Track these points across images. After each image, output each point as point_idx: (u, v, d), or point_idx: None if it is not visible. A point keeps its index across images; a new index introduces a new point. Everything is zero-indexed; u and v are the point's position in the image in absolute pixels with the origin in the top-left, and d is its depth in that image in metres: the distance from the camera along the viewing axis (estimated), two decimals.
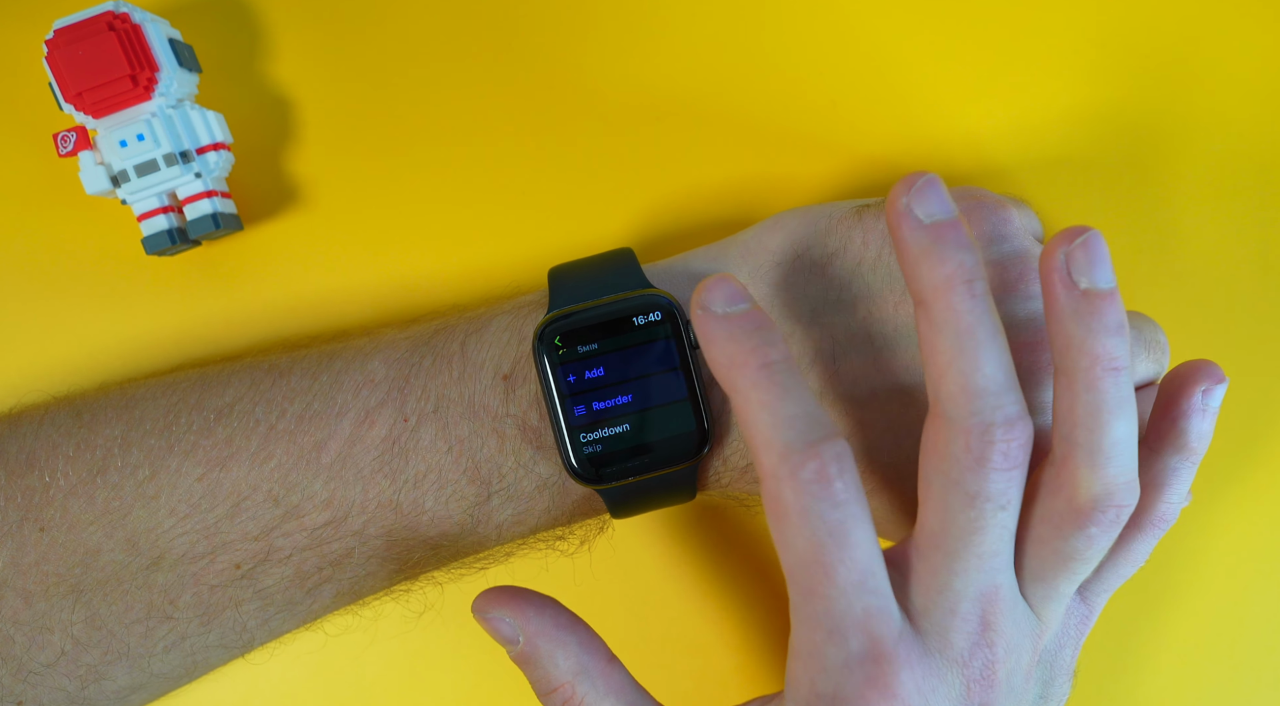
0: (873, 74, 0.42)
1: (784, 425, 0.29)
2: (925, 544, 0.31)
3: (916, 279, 0.30)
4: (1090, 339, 0.30)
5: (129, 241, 0.41)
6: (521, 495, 0.35)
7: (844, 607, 0.30)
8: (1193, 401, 0.33)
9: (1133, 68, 0.42)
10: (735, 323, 0.30)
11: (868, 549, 0.29)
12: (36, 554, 0.34)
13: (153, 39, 0.38)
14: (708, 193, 0.41)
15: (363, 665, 0.41)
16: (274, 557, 0.35)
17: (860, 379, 0.34)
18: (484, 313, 0.37)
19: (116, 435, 0.35)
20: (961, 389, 0.30)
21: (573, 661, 0.33)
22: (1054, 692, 0.35)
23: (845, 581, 0.29)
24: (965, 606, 0.31)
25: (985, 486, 0.30)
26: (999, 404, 0.29)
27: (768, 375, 0.30)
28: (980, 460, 0.30)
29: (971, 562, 0.31)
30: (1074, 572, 0.32)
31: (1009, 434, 0.29)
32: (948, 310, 0.30)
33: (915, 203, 0.30)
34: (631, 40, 0.42)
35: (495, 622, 0.33)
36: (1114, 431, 0.30)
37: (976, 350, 0.29)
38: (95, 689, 0.35)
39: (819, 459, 0.29)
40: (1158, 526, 0.34)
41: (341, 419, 0.35)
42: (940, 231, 0.30)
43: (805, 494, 0.29)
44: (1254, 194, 0.42)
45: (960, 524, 0.30)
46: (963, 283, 0.30)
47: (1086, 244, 0.30)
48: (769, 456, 0.29)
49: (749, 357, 0.30)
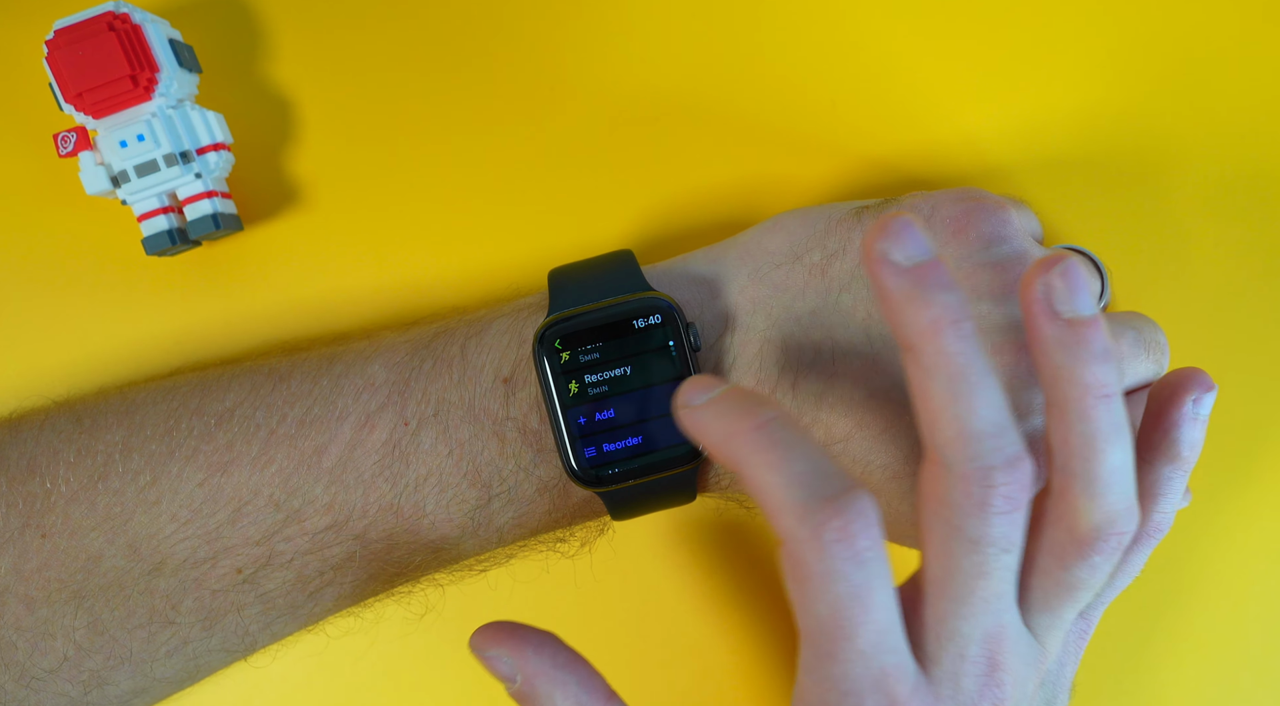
0: (873, 74, 0.41)
1: (795, 484, 0.28)
2: (930, 590, 0.31)
3: (902, 324, 0.29)
4: (1079, 368, 0.30)
5: (129, 241, 0.41)
6: (522, 498, 0.35)
7: (862, 670, 0.29)
8: (1183, 410, 0.33)
9: (1132, 68, 0.42)
10: (718, 403, 0.30)
11: (889, 607, 0.29)
12: (38, 560, 0.34)
13: (153, 39, 0.38)
14: (707, 193, 0.41)
15: (364, 667, 0.42)
16: (275, 562, 0.35)
17: (860, 380, 0.34)
18: (484, 315, 0.37)
19: (117, 441, 0.35)
20: (958, 434, 0.29)
21: (571, 701, 0.31)
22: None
23: (866, 644, 0.28)
24: (973, 650, 0.30)
25: (988, 532, 0.29)
26: (997, 446, 0.29)
27: (765, 435, 0.29)
28: (981, 506, 0.29)
29: (978, 607, 0.30)
30: (1078, 600, 0.32)
31: (1009, 476, 0.29)
32: (937, 354, 0.29)
33: (892, 246, 0.29)
34: (631, 41, 0.42)
35: (493, 661, 0.32)
36: (1110, 459, 0.30)
37: (970, 393, 0.29)
38: (98, 694, 0.35)
39: (842, 515, 0.28)
40: (1152, 536, 0.34)
41: (342, 423, 0.35)
42: (921, 274, 0.29)
43: (829, 556, 0.28)
44: (1253, 194, 0.42)
45: (964, 569, 0.30)
46: (950, 324, 0.29)
47: (1065, 271, 0.30)
48: (786, 519, 0.28)
49: (741, 424, 0.29)
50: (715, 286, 0.36)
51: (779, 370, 0.35)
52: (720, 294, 0.36)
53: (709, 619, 0.42)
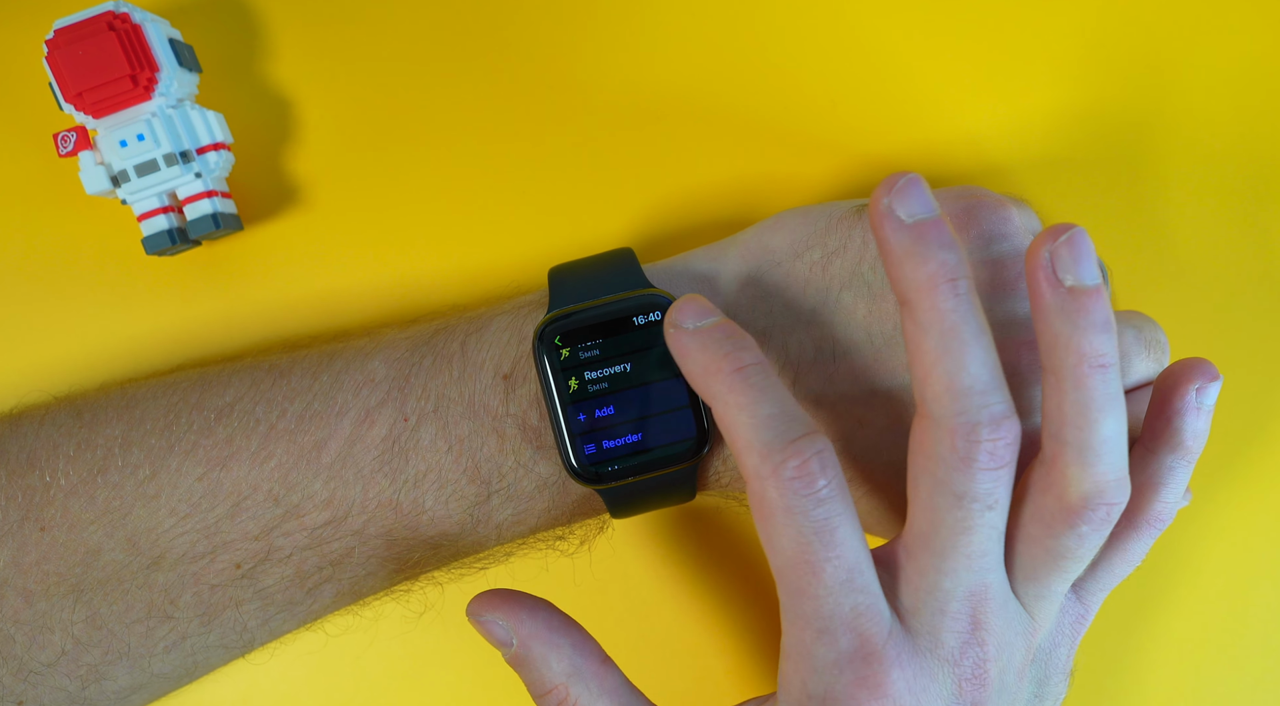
0: (873, 74, 0.42)
1: (762, 425, 0.30)
2: (913, 544, 0.31)
3: (900, 279, 0.30)
4: (1077, 336, 0.30)
5: (129, 241, 0.41)
6: (521, 495, 0.35)
7: (832, 606, 0.30)
8: (1187, 400, 0.33)
9: (1132, 68, 0.42)
10: (706, 334, 0.31)
11: (854, 546, 0.30)
12: (37, 553, 0.34)
13: (153, 39, 0.38)
14: (708, 192, 0.41)
15: (363, 665, 0.41)
16: (274, 557, 0.35)
17: (860, 377, 0.34)
18: (484, 312, 0.37)
19: (117, 435, 0.35)
20: (946, 389, 0.30)
21: (566, 663, 0.33)
22: (1049, 691, 0.35)
23: (833, 579, 0.30)
24: (955, 605, 0.31)
25: (972, 486, 0.30)
26: (984, 403, 0.29)
27: (742, 378, 0.30)
28: (966, 460, 0.30)
29: (960, 562, 0.31)
30: (1066, 571, 0.32)
31: (995, 433, 0.29)
32: (931, 310, 0.30)
33: (897, 202, 0.30)
34: (632, 40, 0.42)
35: (489, 626, 0.33)
36: (1103, 429, 0.30)
37: (961, 349, 0.29)
38: (96, 689, 0.35)
39: (800, 456, 0.29)
40: (1154, 526, 0.34)
41: (342, 418, 0.35)
42: (922, 230, 0.30)
43: (788, 492, 0.29)
44: (1253, 193, 0.42)
45: (948, 524, 0.30)
46: (946, 281, 0.30)
47: (1071, 240, 0.30)
48: (750, 457, 0.30)
49: (722, 363, 0.31)
50: (715, 284, 0.36)
51: (779, 368, 0.35)
52: (720, 291, 0.36)
53: (709, 618, 0.42)
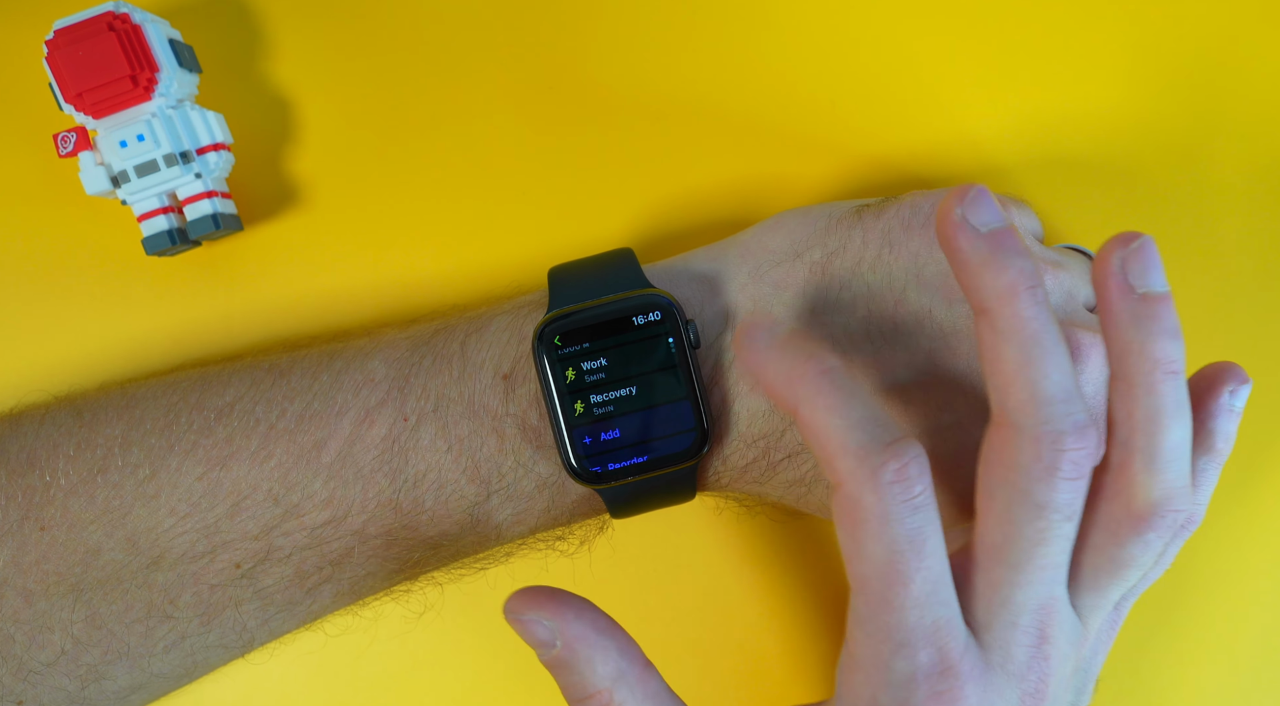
0: (873, 73, 0.42)
1: (856, 428, 0.29)
2: (987, 557, 0.31)
3: (978, 288, 0.30)
4: (1149, 343, 0.30)
5: (129, 241, 0.41)
6: (521, 494, 0.35)
7: (916, 619, 0.29)
8: (1220, 402, 0.33)
9: (1132, 68, 0.42)
10: (784, 343, 0.30)
11: (941, 558, 0.29)
12: (37, 553, 0.34)
13: (153, 39, 0.38)
14: (708, 193, 0.41)
15: (362, 665, 0.41)
16: (274, 557, 0.35)
17: (861, 378, 0.34)
18: (484, 312, 0.37)
19: (117, 434, 0.35)
20: (1031, 397, 0.29)
21: (611, 667, 0.31)
22: (1082, 701, 0.34)
23: (921, 592, 0.29)
24: (1026, 618, 0.30)
25: (1055, 497, 0.29)
26: (1068, 411, 0.29)
27: (830, 381, 0.29)
28: (1051, 470, 0.29)
29: (1035, 575, 0.30)
30: (1126, 579, 0.32)
31: (1079, 442, 0.29)
32: (1014, 317, 0.29)
33: (970, 212, 0.30)
34: (632, 40, 0.42)
35: (531, 626, 0.31)
36: (1172, 435, 0.30)
37: (1045, 357, 0.29)
38: (95, 688, 0.35)
39: (900, 459, 0.28)
40: (1185, 528, 0.33)
41: (341, 418, 0.35)
42: (999, 239, 0.30)
43: (887, 497, 0.28)
44: (1254, 193, 0.42)
45: (1027, 536, 0.30)
46: (1027, 288, 0.29)
47: (1141, 249, 0.30)
48: (845, 460, 0.29)
49: (807, 367, 0.29)
50: (715, 284, 0.36)
51: None
52: (720, 292, 0.36)
53: (708, 618, 0.42)
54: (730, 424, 0.35)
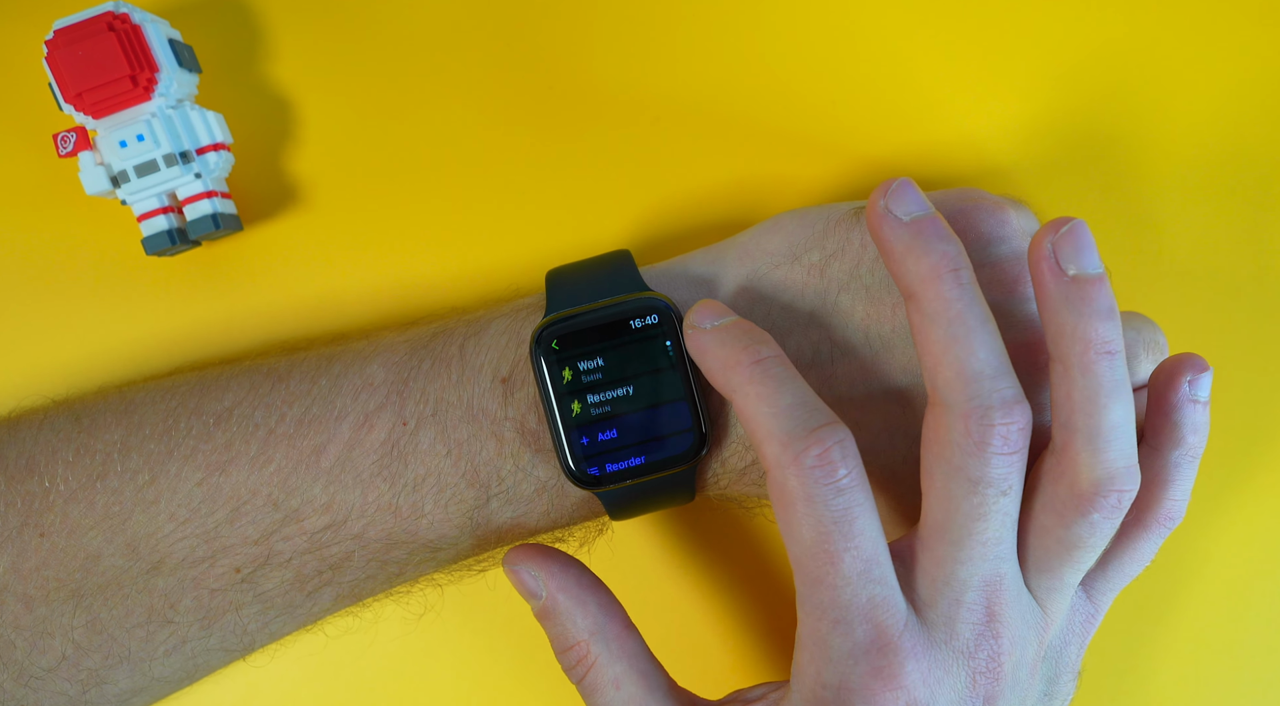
0: (872, 75, 0.41)
1: (783, 414, 0.30)
2: (929, 534, 0.32)
3: (903, 274, 0.31)
4: (1082, 324, 0.30)
5: (129, 241, 0.41)
6: (520, 498, 0.35)
7: (849, 596, 0.30)
8: (1180, 393, 0.34)
9: (1132, 69, 0.42)
10: (725, 331, 0.32)
11: (873, 537, 0.30)
12: (37, 559, 0.34)
13: (153, 39, 0.38)
14: (706, 194, 0.41)
15: (363, 666, 0.42)
16: (274, 561, 0.35)
17: (858, 380, 0.34)
18: (482, 315, 0.37)
19: (116, 440, 0.35)
20: (957, 375, 0.30)
21: (590, 621, 0.34)
22: (1058, 691, 0.35)
23: (851, 569, 0.30)
24: (970, 595, 0.31)
25: (987, 471, 0.30)
26: (995, 387, 0.30)
27: (762, 370, 0.31)
28: (981, 444, 0.30)
29: (976, 550, 0.31)
30: (1078, 561, 0.32)
31: (1007, 416, 0.30)
32: (936, 299, 0.30)
33: (893, 203, 0.32)
34: (631, 41, 0.42)
35: (521, 575, 0.34)
36: (1111, 415, 0.31)
37: (969, 336, 0.30)
38: (96, 693, 0.35)
39: (822, 444, 0.30)
40: (1164, 524, 0.34)
41: (340, 423, 0.35)
42: (920, 226, 0.31)
43: (809, 480, 0.29)
44: (1252, 194, 0.42)
45: (964, 511, 0.31)
46: (949, 271, 0.31)
47: (1072, 231, 0.31)
48: (771, 446, 0.30)
49: (741, 356, 0.31)
50: (713, 286, 0.36)
51: None
52: (718, 294, 0.36)
53: (707, 619, 0.42)
54: (728, 426, 0.35)
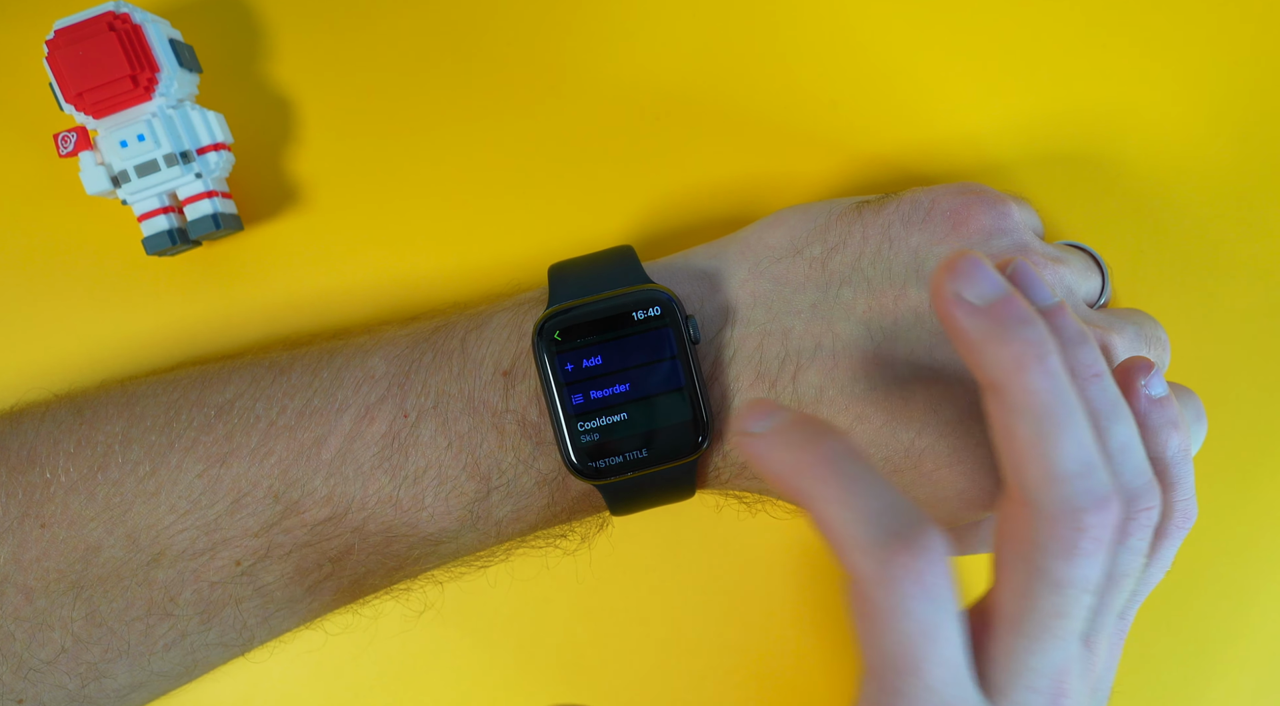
0: (874, 71, 0.42)
1: (864, 519, 0.27)
2: (1003, 626, 0.30)
3: (982, 365, 0.29)
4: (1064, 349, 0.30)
5: (129, 241, 0.41)
6: (521, 491, 0.35)
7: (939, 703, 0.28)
8: (1140, 398, 0.32)
9: (1132, 66, 0.42)
10: (782, 432, 0.28)
11: (957, 644, 0.28)
12: (37, 550, 0.34)
13: (153, 39, 0.38)
14: (708, 190, 0.41)
15: (363, 664, 0.41)
16: (274, 554, 0.35)
17: (860, 373, 0.34)
18: (484, 310, 0.37)
19: (117, 432, 0.35)
20: (1046, 475, 0.28)
21: None
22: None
23: (934, 680, 0.27)
24: (1043, 682, 0.29)
25: (1073, 573, 0.28)
26: (1087, 487, 0.28)
27: (832, 468, 0.28)
28: (1070, 548, 0.28)
29: (1052, 644, 0.29)
30: (1123, 590, 0.31)
31: (1099, 518, 0.28)
32: (1022, 392, 0.28)
33: (964, 286, 0.29)
34: (632, 40, 0.42)
35: None
36: (1117, 436, 0.30)
37: (1058, 431, 0.28)
38: (95, 686, 0.35)
39: (910, 552, 0.27)
40: (1180, 526, 0.33)
41: (342, 415, 0.35)
42: (999, 310, 0.28)
43: (899, 593, 0.27)
44: (1253, 193, 0.42)
45: (1044, 610, 0.29)
46: (1035, 359, 0.28)
47: (1015, 272, 0.31)
48: (854, 555, 0.27)
49: (806, 455, 0.28)
50: (715, 280, 0.36)
51: (779, 364, 0.35)
52: (720, 288, 0.36)
53: (709, 617, 0.42)
54: (730, 420, 0.35)
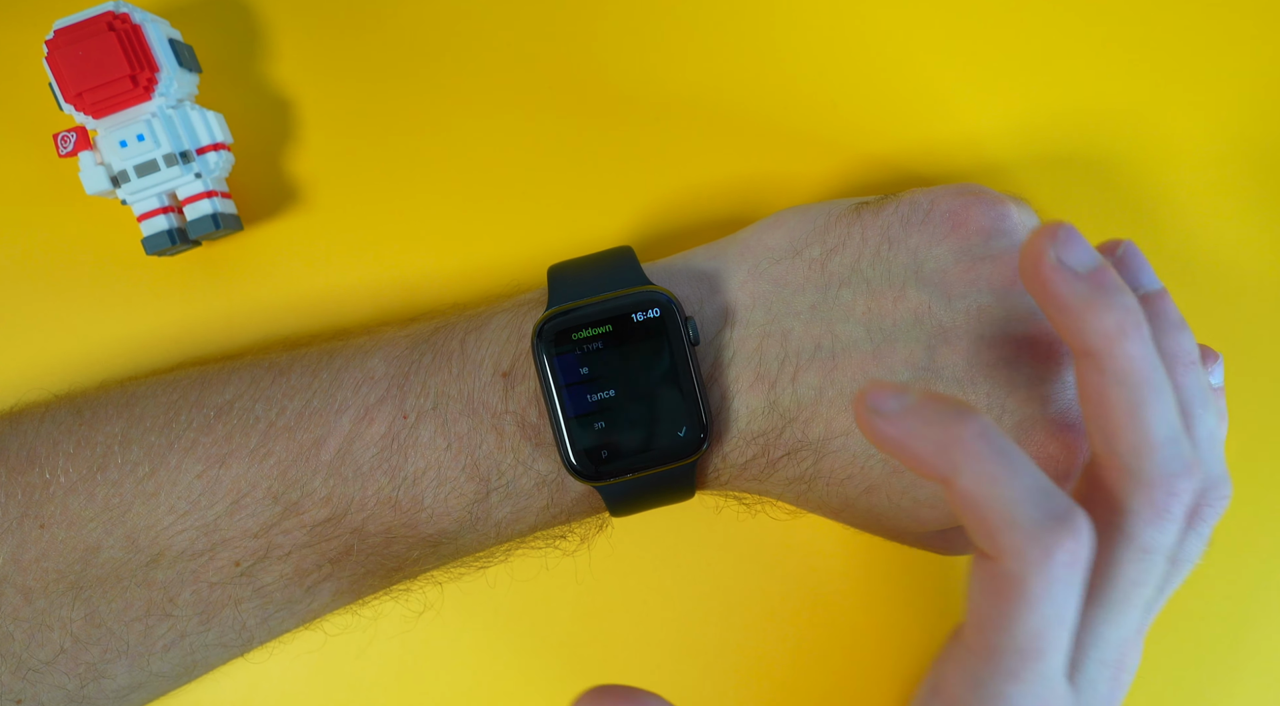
0: (874, 72, 0.42)
1: (1025, 500, 0.26)
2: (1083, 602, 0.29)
3: (1080, 331, 0.29)
4: (1164, 340, 0.31)
5: (129, 241, 0.41)
6: (520, 492, 0.35)
7: (1041, 691, 0.27)
8: None
9: (1132, 67, 0.42)
10: (923, 407, 0.27)
11: (1073, 630, 0.28)
12: (37, 550, 0.34)
13: (153, 39, 0.38)
14: (708, 191, 0.41)
15: (362, 664, 0.41)
16: (273, 555, 0.35)
17: (859, 374, 0.34)
18: (484, 311, 0.37)
19: (117, 432, 0.35)
20: (1144, 441, 0.28)
21: None
22: None
23: (1052, 668, 0.27)
24: (1112, 653, 0.30)
25: (1162, 539, 0.29)
26: (1178, 452, 0.29)
27: (987, 443, 0.26)
28: (1162, 513, 0.29)
29: (1129, 614, 0.30)
30: (1183, 575, 0.32)
31: (1189, 482, 0.29)
32: (1123, 358, 0.28)
33: (1064, 254, 0.29)
34: (632, 40, 0.42)
35: None
36: (1204, 425, 0.31)
37: (1154, 399, 0.28)
38: (95, 687, 0.35)
39: (1076, 539, 0.26)
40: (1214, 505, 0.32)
41: (341, 416, 0.35)
42: (1099, 279, 0.29)
43: (1056, 579, 0.26)
44: (1253, 192, 0.42)
45: (1129, 577, 0.29)
46: (1134, 327, 0.28)
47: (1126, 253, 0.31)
48: (1011, 536, 0.26)
49: (958, 430, 0.27)
50: (715, 281, 0.36)
51: (779, 364, 0.35)
52: (720, 289, 0.36)
53: (709, 617, 0.42)
54: (729, 421, 0.35)
